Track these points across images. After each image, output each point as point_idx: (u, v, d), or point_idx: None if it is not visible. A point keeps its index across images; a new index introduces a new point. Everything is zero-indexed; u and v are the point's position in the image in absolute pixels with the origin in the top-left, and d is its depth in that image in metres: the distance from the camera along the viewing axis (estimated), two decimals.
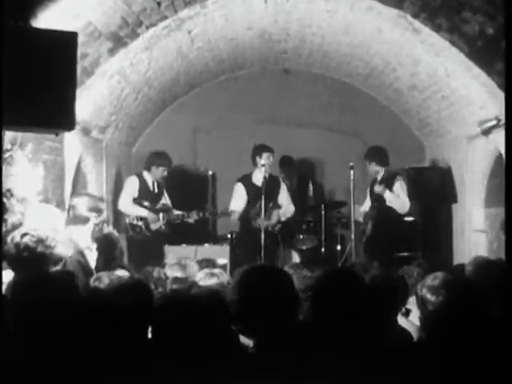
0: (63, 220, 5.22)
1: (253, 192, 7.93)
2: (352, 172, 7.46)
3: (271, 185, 7.79)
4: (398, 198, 7.63)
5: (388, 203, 7.61)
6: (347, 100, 9.90)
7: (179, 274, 4.89)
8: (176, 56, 7.79)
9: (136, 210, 7.89)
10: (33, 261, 3.89)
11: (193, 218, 8.07)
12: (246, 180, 8.03)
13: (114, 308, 2.68)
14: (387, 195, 7.57)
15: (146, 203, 7.92)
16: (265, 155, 7.87)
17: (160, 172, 8.03)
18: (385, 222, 7.68)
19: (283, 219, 8.01)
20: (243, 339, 3.36)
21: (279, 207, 7.91)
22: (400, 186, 7.75)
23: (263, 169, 7.82)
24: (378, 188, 7.53)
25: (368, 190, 7.94)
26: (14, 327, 2.62)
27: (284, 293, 3.06)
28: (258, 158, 7.90)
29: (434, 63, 7.30)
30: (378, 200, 7.65)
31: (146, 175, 8.03)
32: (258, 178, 7.94)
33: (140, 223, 7.89)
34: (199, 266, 5.33)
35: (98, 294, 4.01)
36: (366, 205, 7.87)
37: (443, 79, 7.53)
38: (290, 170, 9.32)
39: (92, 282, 4.30)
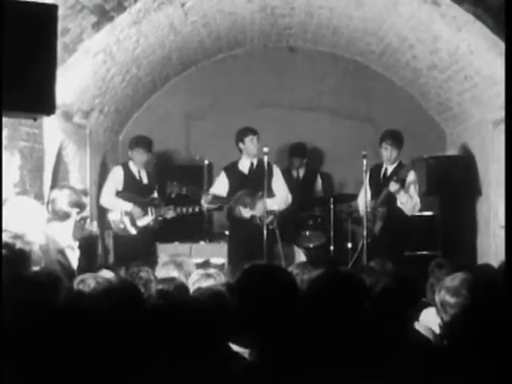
0: (44, 214, 5.21)
1: (237, 180, 7.87)
2: (365, 161, 7.42)
3: (260, 172, 7.71)
4: (411, 200, 7.61)
5: (399, 204, 7.57)
6: (359, 81, 9.89)
7: (175, 274, 4.90)
8: (167, 32, 7.78)
9: (119, 204, 7.84)
10: (13, 259, 3.88)
11: (169, 215, 7.97)
12: (232, 168, 7.99)
13: (100, 314, 2.68)
14: (401, 196, 7.53)
15: (132, 196, 7.87)
16: (247, 139, 7.83)
17: (138, 156, 7.92)
18: (397, 219, 7.65)
19: (276, 209, 7.84)
20: (238, 348, 3.39)
21: (271, 196, 7.78)
22: (413, 184, 7.71)
23: (248, 154, 7.83)
24: (393, 187, 7.48)
25: (367, 177, 7.82)
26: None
27: (285, 296, 3.07)
28: (240, 144, 7.87)
29: (455, 39, 7.29)
30: (390, 197, 7.61)
31: (132, 165, 8.00)
32: (245, 165, 7.92)
33: (125, 219, 7.86)
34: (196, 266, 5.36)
35: (82, 298, 4.02)
36: (367, 195, 7.74)
37: (466, 57, 7.52)
38: (301, 160, 9.29)
39: (76, 284, 4.30)
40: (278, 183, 7.94)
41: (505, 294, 3.45)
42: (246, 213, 7.77)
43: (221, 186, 7.96)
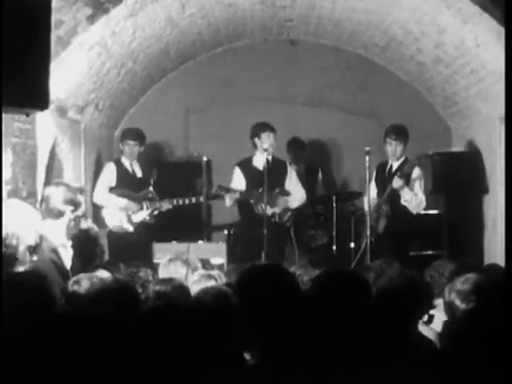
0: (36, 215, 5.19)
1: (253, 177, 7.85)
2: (368, 158, 7.41)
3: (276, 169, 7.73)
4: (416, 197, 7.61)
5: (403, 202, 7.57)
6: (362, 75, 9.88)
7: (183, 270, 4.95)
8: (165, 24, 7.78)
9: (113, 200, 7.86)
10: None
11: (165, 207, 7.97)
12: (246, 164, 7.97)
13: (95, 317, 2.66)
14: (405, 193, 7.53)
15: (125, 191, 7.88)
16: (264, 135, 7.81)
17: (129, 149, 8.03)
18: (401, 217, 7.64)
19: (293, 207, 7.96)
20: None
21: (287, 194, 7.89)
22: (418, 181, 7.71)
23: (264, 151, 7.80)
24: (396, 183, 7.48)
25: (374, 176, 7.85)
26: None
27: (286, 297, 3.07)
28: (256, 140, 7.86)
29: (461, 32, 7.27)
30: (394, 195, 7.61)
31: (124, 160, 8.07)
32: (260, 161, 7.87)
33: (120, 215, 7.87)
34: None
35: (77, 299, 4.01)
36: (372, 193, 7.78)
37: (472, 50, 7.51)
38: (300, 155, 9.31)
39: (71, 285, 4.29)
40: (294, 182, 8.09)
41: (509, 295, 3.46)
42: (268, 210, 7.75)
43: (238, 181, 7.96)
